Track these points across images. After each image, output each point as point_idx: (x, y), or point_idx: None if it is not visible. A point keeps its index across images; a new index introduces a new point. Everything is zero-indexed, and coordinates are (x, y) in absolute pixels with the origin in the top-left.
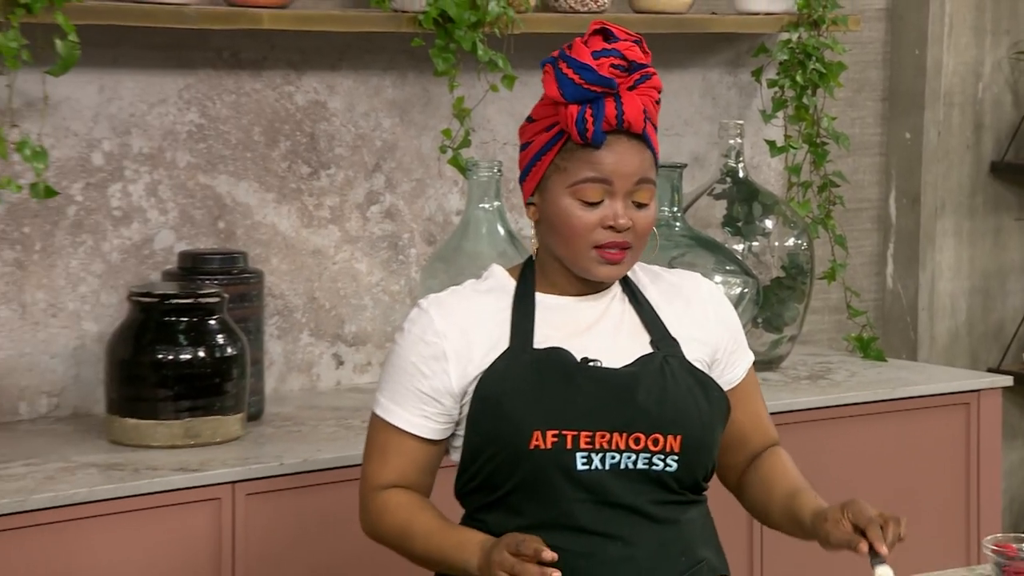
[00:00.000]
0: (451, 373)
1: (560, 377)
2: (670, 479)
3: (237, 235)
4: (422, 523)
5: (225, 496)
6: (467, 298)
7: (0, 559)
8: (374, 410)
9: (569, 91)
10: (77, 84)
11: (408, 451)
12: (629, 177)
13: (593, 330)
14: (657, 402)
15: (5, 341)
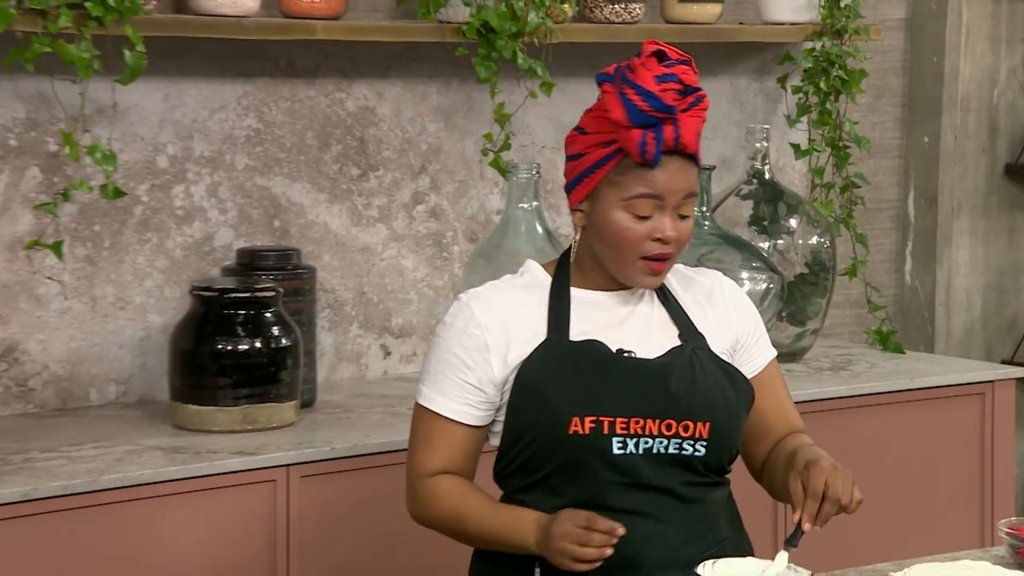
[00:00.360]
0: (493, 363)
1: (596, 367)
2: (698, 463)
3: (291, 233)
4: (473, 506)
5: (280, 479)
6: (505, 292)
7: (72, 535)
8: (418, 401)
9: (635, 117)
10: (144, 92)
11: (453, 438)
12: (679, 193)
13: (625, 324)
14: (688, 391)
15: (77, 332)
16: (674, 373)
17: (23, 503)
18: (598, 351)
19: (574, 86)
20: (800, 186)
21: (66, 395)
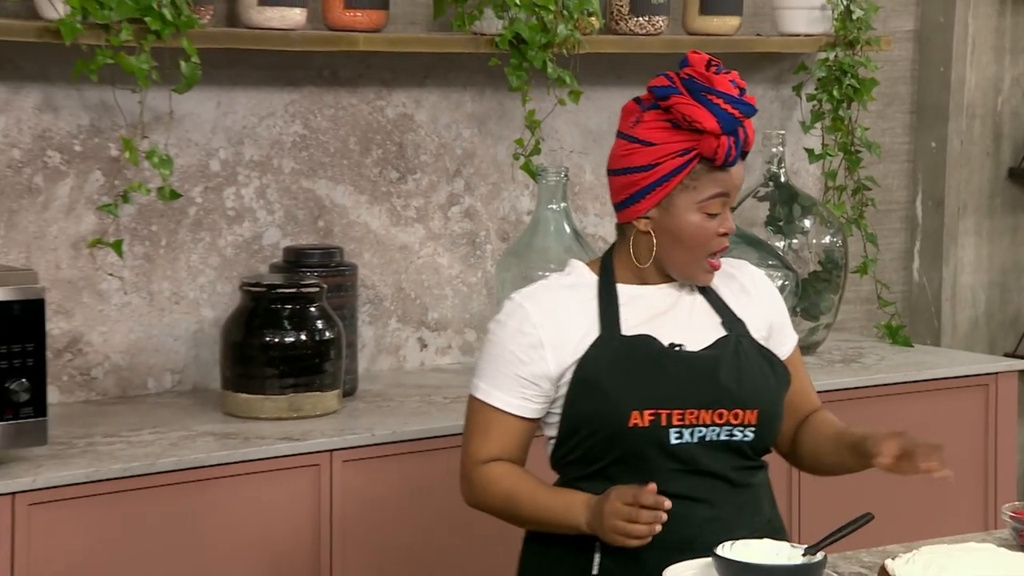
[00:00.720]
0: (548, 359)
1: (650, 361)
2: (747, 447)
3: (334, 232)
4: (527, 489)
5: (324, 463)
6: (555, 291)
7: (130, 514)
8: (474, 395)
9: (727, 124)
10: (198, 100)
11: (509, 430)
12: (736, 189)
13: (670, 314)
14: (736, 380)
15: (136, 325)
16: (722, 364)
17: (86, 484)
18: (651, 346)
19: (600, 94)
20: (814, 188)
21: (126, 384)
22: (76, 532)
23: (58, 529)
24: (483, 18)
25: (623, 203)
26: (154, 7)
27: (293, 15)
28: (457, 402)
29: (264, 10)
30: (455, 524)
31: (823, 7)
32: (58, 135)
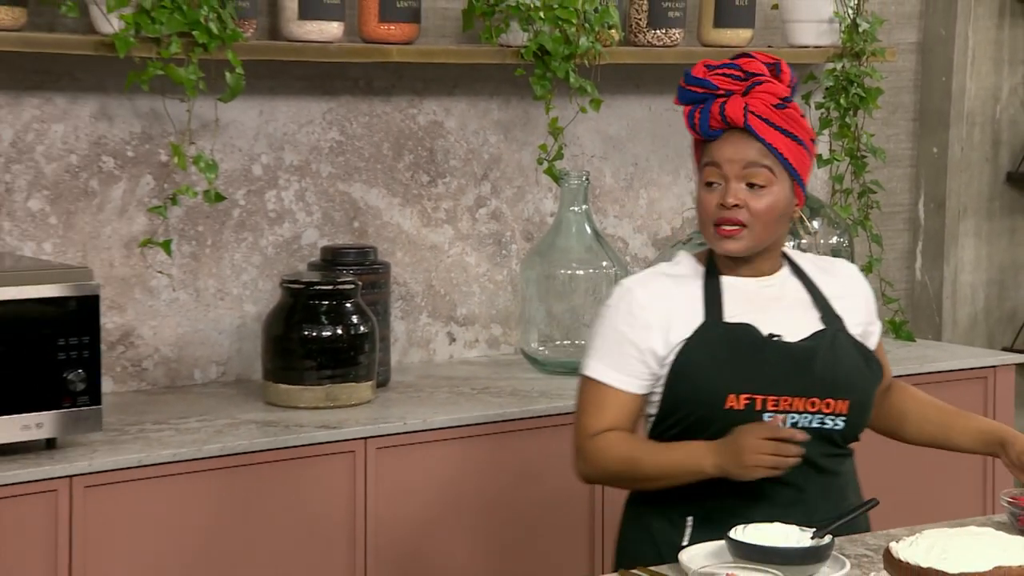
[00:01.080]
0: (656, 339)
1: (750, 349)
2: (837, 435)
3: (369, 233)
4: (645, 448)
5: (359, 450)
6: (661, 278)
7: (178, 497)
8: (586, 373)
9: (680, 95)
10: (241, 109)
11: (620, 405)
12: (737, 162)
13: (771, 307)
14: (830, 372)
15: (183, 320)
16: (818, 355)
17: (138, 468)
18: (751, 334)
19: (620, 102)
20: (822, 192)
21: (174, 374)
22: (128, 513)
23: (112, 510)
24: (509, 31)
25: None
26: (201, 21)
27: (331, 28)
28: (485, 393)
29: (304, 24)
30: (483, 507)
31: (831, 20)
32: (112, 142)
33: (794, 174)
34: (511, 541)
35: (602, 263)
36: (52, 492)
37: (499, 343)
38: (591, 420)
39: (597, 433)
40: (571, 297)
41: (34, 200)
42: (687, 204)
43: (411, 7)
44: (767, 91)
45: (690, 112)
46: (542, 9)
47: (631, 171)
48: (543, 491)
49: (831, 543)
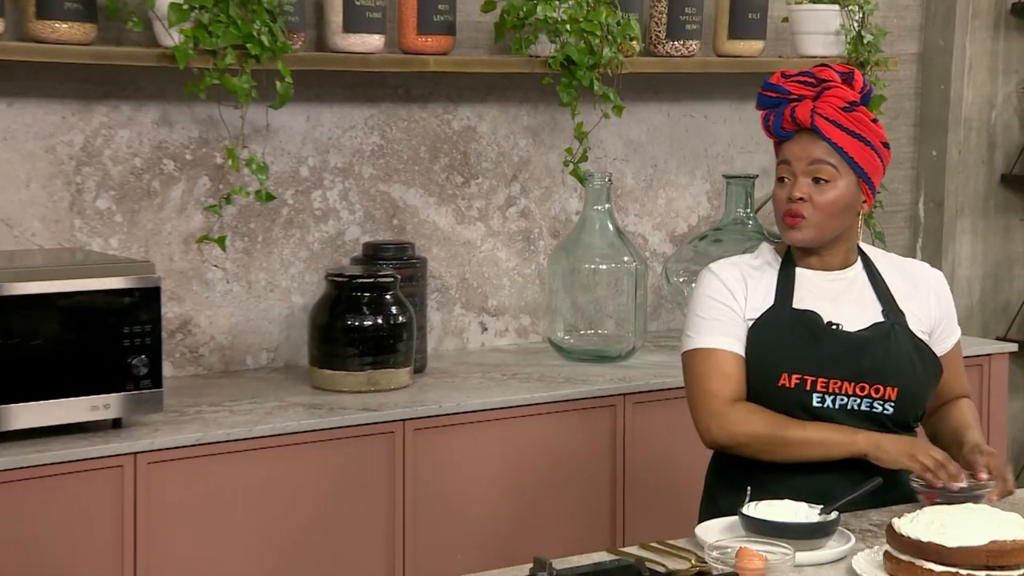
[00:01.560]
0: (738, 312)
1: (808, 334)
2: (886, 419)
3: (407, 230)
4: (789, 419)
5: (398, 431)
6: (740, 265)
7: (231, 473)
8: (694, 348)
9: (759, 100)
10: (290, 115)
11: (732, 365)
12: (803, 159)
13: (838, 299)
14: (881, 361)
15: (236, 310)
16: (871, 345)
17: (195, 446)
18: (812, 321)
19: (640, 109)
20: None
21: (228, 360)
22: (186, 487)
23: (171, 484)
24: (537, 42)
25: None
26: (254, 35)
27: (372, 40)
28: (514, 379)
29: (347, 36)
30: (511, 484)
31: (837, 32)
32: (172, 146)
33: (859, 172)
34: (536, 514)
35: (623, 258)
36: (118, 468)
37: (527, 332)
38: (720, 386)
39: (732, 399)
40: (595, 289)
41: (102, 200)
42: (702, 203)
43: (447, 20)
44: (835, 95)
45: (766, 116)
46: (568, 22)
47: (650, 173)
48: (568, 469)
49: (837, 519)
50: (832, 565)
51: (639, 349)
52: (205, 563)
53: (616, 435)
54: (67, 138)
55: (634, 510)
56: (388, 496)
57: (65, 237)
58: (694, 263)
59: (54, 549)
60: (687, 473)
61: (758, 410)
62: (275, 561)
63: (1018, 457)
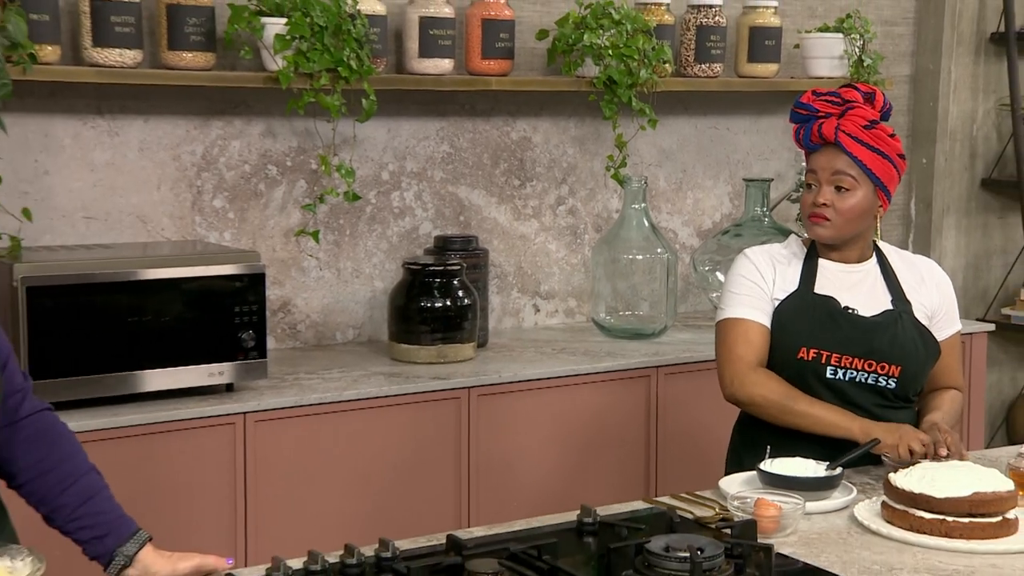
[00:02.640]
0: (767, 293)
1: (827, 316)
2: (888, 392)
3: (472, 225)
4: (800, 393)
5: (463, 397)
6: (771, 252)
7: (321, 434)
8: (726, 317)
9: (791, 116)
10: (374, 127)
11: (758, 335)
12: (827, 170)
13: (854, 288)
14: (888, 343)
15: (327, 293)
16: (881, 328)
17: (294, 408)
18: (831, 305)
19: (671, 122)
20: None
21: (320, 335)
22: (286, 442)
23: (274, 440)
24: (584, 65)
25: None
26: (344, 60)
27: (443, 64)
28: (563, 353)
29: (422, 61)
30: (560, 442)
31: (841, 57)
32: (275, 154)
33: (877, 181)
34: (582, 469)
35: (657, 250)
36: (230, 425)
37: (574, 313)
38: (744, 350)
39: (753, 364)
40: (632, 277)
41: (217, 199)
42: (725, 203)
43: (506, 46)
44: (858, 114)
45: (797, 129)
46: (610, 48)
47: (680, 176)
48: (608, 431)
49: (841, 474)
50: (837, 513)
51: (670, 328)
52: (301, 504)
53: (650, 402)
54: (190, 148)
55: (665, 466)
56: (455, 452)
57: (188, 231)
58: (718, 254)
59: (178, 492)
60: (711, 434)
61: (775, 378)
62: (358, 505)
63: (994, 420)
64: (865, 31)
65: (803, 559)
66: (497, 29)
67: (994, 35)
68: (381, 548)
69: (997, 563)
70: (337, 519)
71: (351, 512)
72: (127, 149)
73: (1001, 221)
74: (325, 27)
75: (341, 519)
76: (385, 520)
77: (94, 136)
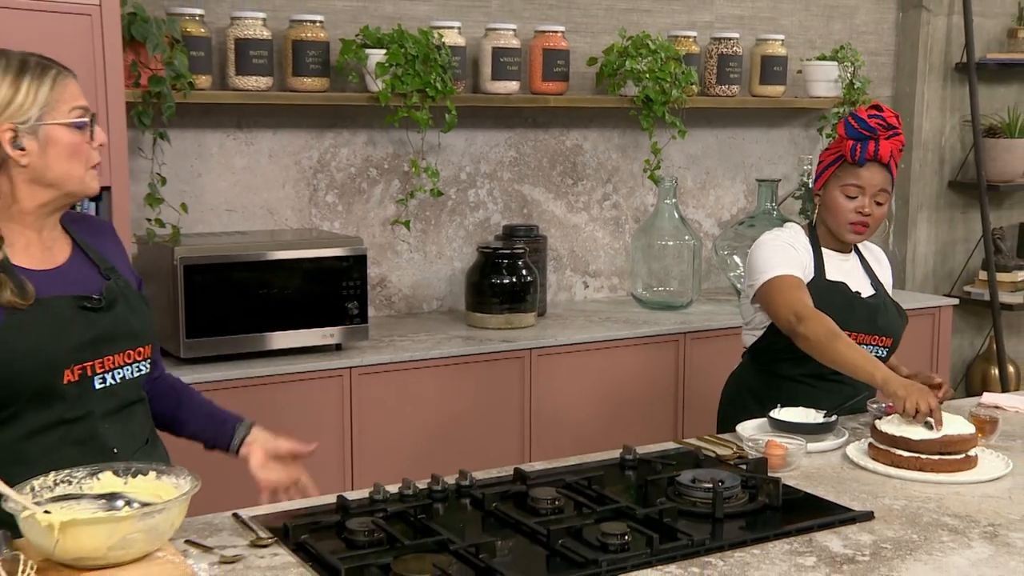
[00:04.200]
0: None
1: (844, 300)
2: (881, 360)
3: (533, 216)
4: (847, 337)
5: (526, 356)
6: (792, 232)
7: (411, 385)
8: (775, 275)
9: (850, 131)
10: (454, 137)
11: (803, 286)
12: (875, 186)
13: (850, 275)
14: (886, 319)
15: (416, 271)
16: (879, 308)
17: (390, 363)
18: (843, 289)
19: (697, 133)
20: None
21: (410, 306)
22: (383, 391)
23: (374, 389)
24: (625, 86)
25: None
26: (431, 82)
27: (511, 85)
28: (607, 321)
29: (494, 83)
30: (605, 393)
31: (836, 80)
32: (375, 158)
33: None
34: (623, 416)
35: (684, 237)
36: (339, 377)
37: (616, 289)
38: (803, 295)
39: (808, 305)
40: (664, 259)
41: (329, 196)
42: (740, 199)
43: (563, 71)
44: (898, 140)
45: (852, 145)
46: (647, 72)
47: (704, 177)
48: (645, 385)
49: (836, 420)
50: (832, 452)
51: (695, 301)
52: (396, 441)
53: (679, 362)
54: (308, 155)
55: (691, 414)
56: (519, 401)
57: (306, 221)
58: (735, 241)
59: (299, 430)
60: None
61: (829, 320)
62: (442, 442)
63: (956, 376)
64: (855, 60)
65: (804, 489)
66: (555, 57)
67: (958, 65)
68: (461, 478)
69: (960, 491)
70: (425, 454)
71: (436, 448)
72: (260, 156)
73: (964, 216)
74: (416, 56)
75: (428, 454)
76: (463, 455)
77: (235, 146)
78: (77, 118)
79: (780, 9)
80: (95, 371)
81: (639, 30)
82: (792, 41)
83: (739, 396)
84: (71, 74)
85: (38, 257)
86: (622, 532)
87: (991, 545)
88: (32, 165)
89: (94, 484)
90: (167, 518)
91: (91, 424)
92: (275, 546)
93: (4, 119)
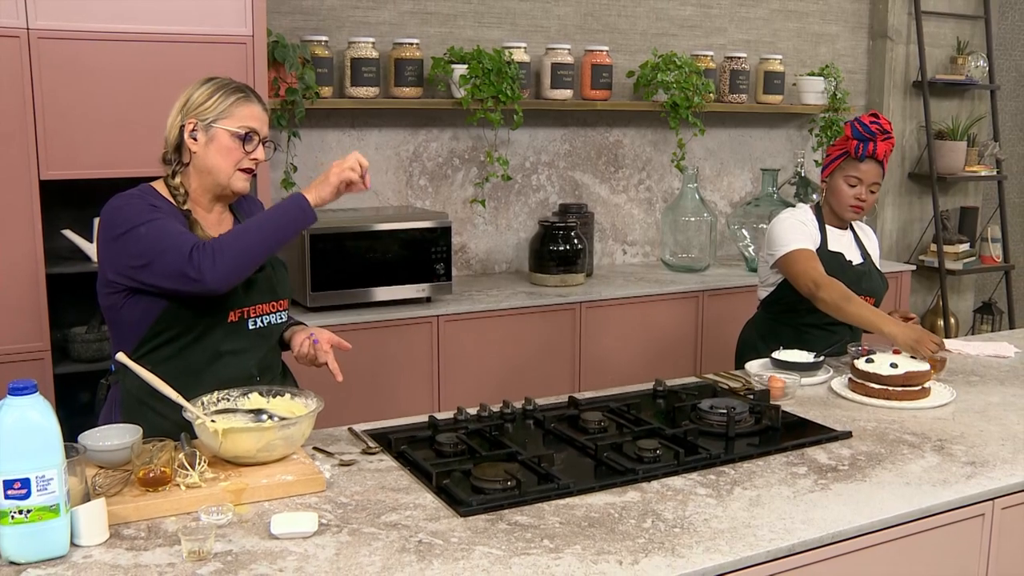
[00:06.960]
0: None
1: (840, 267)
2: None
3: (583, 197)
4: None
5: (577, 309)
6: (802, 214)
7: (487, 330)
8: (794, 248)
9: (855, 133)
10: (520, 133)
11: (817, 258)
12: (871, 178)
13: (846, 246)
14: (870, 283)
15: (490, 240)
16: (866, 274)
17: (470, 312)
18: (841, 259)
19: (714, 131)
20: (817, 180)
21: (485, 268)
22: (464, 335)
23: (457, 334)
24: (657, 94)
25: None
26: (503, 90)
27: (566, 93)
28: (642, 281)
29: (552, 91)
30: (642, 340)
31: (823, 92)
32: (458, 151)
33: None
34: (655, 357)
35: (703, 214)
36: (429, 324)
37: (649, 255)
38: (817, 264)
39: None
40: (687, 232)
41: (422, 180)
42: (747, 185)
43: (607, 81)
44: (890, 141)
45: (856, 144)
46: (674, 83)
47: (719, 167)
48: (671, 333)
49: (824, 360)
50: (821, 385)
51: (711, 266)
52: (475, 374)
53: (698, 315)
54: (406, 148)
55: (708, 355)
56: (572, 345)
57: (403, 200)
58: (743, 218)
59: (398, 366)
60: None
61: (842, 285)
62: (511, 375)
63: None
64: (837, 76)
65: (799, 414)
66: (601, 71)
67: (915, 82)
68: (526, 403)
69: (917, 415)
70: (497, 384)
71: (506, 380)
72: (369, 149)
73: (920, 200)
74: (491, 70)
75: (500, 384)
76: (528, 386)
77: (349, 141)
78: (242, 131)
79: (779, 35)
80: (249, 315)
81: (668, 50)
82: (788, 60)
83: (750, 339)
84: (258, 102)
85: (213, 230)
86: (654, 447)
87: (939, 455)
88: (198, 154)
89: (245, 401)
90: (300, 429)
91: (244, 355)
92: (381, 453)
93: (193, 115)
